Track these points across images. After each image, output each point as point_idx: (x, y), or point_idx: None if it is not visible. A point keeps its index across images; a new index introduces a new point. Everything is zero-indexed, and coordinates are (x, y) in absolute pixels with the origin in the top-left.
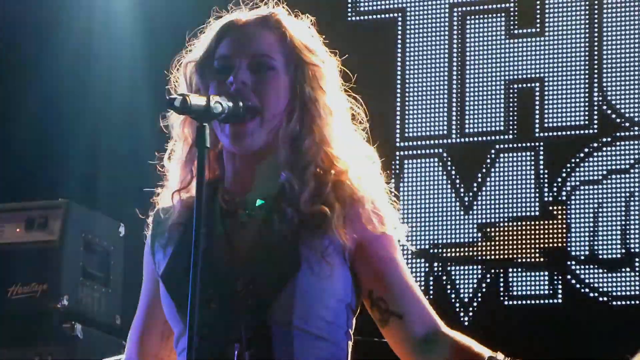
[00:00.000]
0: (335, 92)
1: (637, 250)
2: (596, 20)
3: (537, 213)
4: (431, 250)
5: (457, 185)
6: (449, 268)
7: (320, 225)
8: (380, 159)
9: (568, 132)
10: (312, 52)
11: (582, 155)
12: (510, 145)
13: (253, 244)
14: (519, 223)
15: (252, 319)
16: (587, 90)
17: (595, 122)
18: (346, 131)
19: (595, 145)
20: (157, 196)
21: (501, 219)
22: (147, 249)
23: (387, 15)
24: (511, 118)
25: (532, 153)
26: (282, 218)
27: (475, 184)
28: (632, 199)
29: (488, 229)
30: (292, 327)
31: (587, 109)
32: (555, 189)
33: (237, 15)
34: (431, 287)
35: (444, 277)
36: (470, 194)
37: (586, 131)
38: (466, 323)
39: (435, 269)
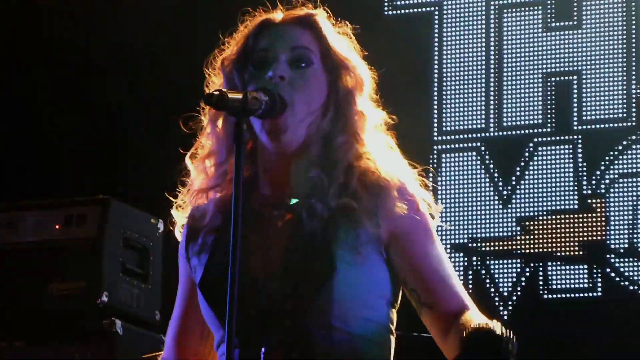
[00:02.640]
0: (369, 98)
1: None
2: (633, 12)
3: (575, 206)
4: (470, 244)
5: (496, 179)
6: (487, 262)
7: (350, 218)
8: (417, 153)
9: (606, 125)
10: (348, 55)
11: (620, 147)
12: (549, 139)
13: (287, 246)
14: (558, 216)
15: (291, 323)
16: (625, 82)
17: (634, 114)
18: (378, 136)
19: (634, 137)
20: (184, 194)
21: (540, 213)
22: (182, 251)
23: (423, 9)
24: (549, 111)
25: (571, 146)
26: (313, 214)
27: (513, 178)
28: None
29: (527, 223)
30: (332, 328)
31: (625, 101)
32: (594, 182)
33: (273, 14)
34: (470, 281)
35: (483, 271)
36: (509, 187)
37: (624, 124)
38: (505, 317)
39: (474, 263)
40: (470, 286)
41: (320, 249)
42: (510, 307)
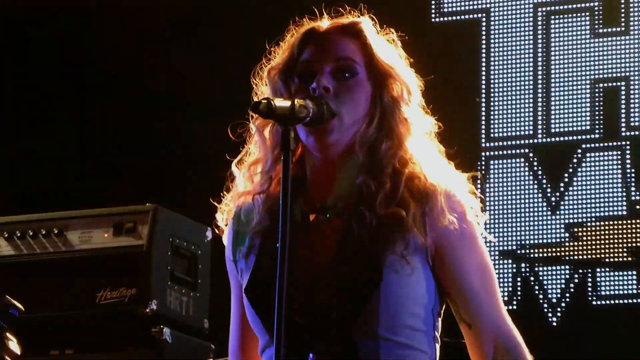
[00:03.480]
0: (415, 106)
1: None
2: None
3: (624, 212)
4: (518, 251)
5: (544, 185)
6: (536, 269)
7: (398, 226)
8: (466, 159)
9: None
10: (393, 63)
11: None
12: (597, 145)
13: (334, 253)
14: (607, 222)
15: (338, 332)
16: None
17: None
18: (425, 144)
19: None
20: (228, 198)
21: (588, 219)
22: (229, 255)
23: (471, 16)
24: (597, 117)
25: (619, 152)
26: (361, 222)
27: (562, 184)
28: None
29: (575, 229)
30: (378, 337)
31: None
32: None
33: (318, 23)
34: (519, 288)
35: (532, 278)
36: (557, 194)
37: None
38: (554, 324)
39: (523, 269)
40: (519, 293)
41: (368, 258)
42: (559, 314)
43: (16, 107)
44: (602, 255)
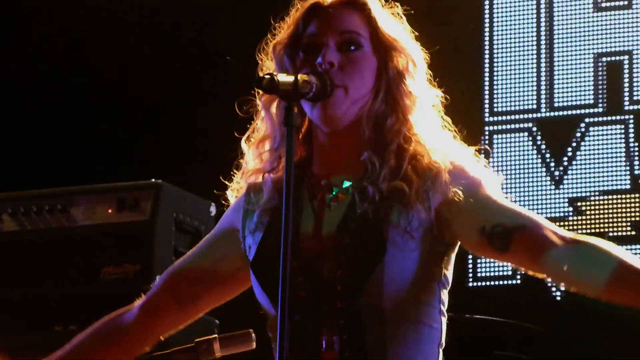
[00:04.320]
0: (419, 79)
1: None
2: None
3: (627, 186)
4: None
5: (547, 160)
6: None
7: (401, 201)
8: (469, 134)
9: None
10: (398, 36)
11: None
12: (600, 119)
13: (338, 228)
14: (610, 196)
15: (342, 306)
16: None
17: None
18: (429, 117)
19: None
20: (239, 177)
21: (592, 193)
22: (233, 220)
23: None
24: (600, 91)
25: (622, 126)
26: (364, 197)
27: (565, 158)
28: None
29: (579, 203)
30: (383, 311)
31: None
32: None
33: None
34: None
35: None
36: (561, 168)
37: None
38: (558, 298)
39: None
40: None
41: (372, 232)
42: (563, 288)
43: (20, 84)
44: (606, 230)
